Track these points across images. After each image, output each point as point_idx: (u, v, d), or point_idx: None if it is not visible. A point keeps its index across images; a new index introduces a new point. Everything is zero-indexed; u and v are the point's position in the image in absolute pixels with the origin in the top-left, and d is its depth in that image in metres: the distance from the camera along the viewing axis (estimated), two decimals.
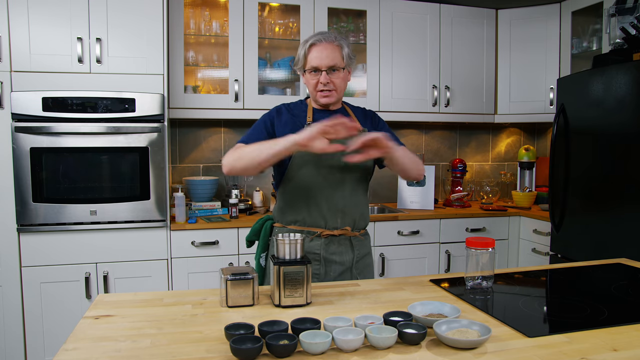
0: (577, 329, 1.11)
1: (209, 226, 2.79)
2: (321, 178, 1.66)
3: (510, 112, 3.54)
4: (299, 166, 1.66)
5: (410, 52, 3.36)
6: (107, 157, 2.62)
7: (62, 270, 2.59)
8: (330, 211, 1.68)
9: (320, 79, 1.65)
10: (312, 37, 1.68)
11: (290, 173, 1.68)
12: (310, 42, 1.66)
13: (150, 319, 1.19)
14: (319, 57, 1.64)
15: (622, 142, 2.44)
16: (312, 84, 1.68)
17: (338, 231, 1.69)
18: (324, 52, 1.64)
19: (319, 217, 1.68)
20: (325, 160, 1.63)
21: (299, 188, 1.68)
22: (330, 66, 1.64)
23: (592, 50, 3.19)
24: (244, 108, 3.06)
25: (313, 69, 1.66)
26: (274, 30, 3.26)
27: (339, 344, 0.99)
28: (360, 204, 1.74)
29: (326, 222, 1.68)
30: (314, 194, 1.66)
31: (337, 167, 1.66)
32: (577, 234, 2.73)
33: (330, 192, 1.67)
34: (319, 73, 1.65)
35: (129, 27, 2.64)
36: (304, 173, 1.66)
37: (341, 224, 1.70)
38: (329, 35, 1.67)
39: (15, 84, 2.51)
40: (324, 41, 1.65)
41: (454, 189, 3.58)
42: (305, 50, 1.66)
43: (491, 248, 1.40)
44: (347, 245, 1.72)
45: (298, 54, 1.70)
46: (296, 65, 1.73)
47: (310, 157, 1.62)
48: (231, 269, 1.31)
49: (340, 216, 1.69)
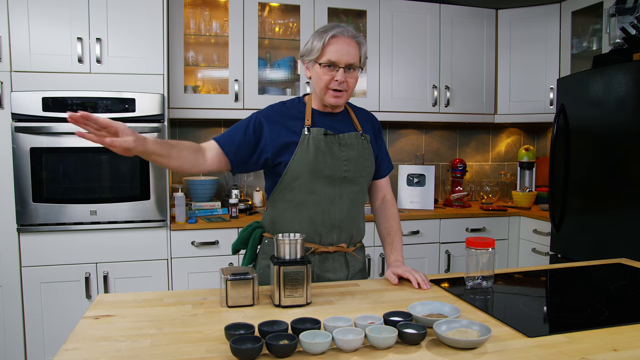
0: (577, 329, 1.11)
1: (209, 226, 2.79)
2: (318, 190, 1.53)
3: (510, 112, 3.54)
4: (294, 177, 1.53)
5: (410, 52, 3.36)
6: (107, 157, 2.61)
7: (62, 270, 2.59)
8: (325, 227, 1.55)
9: (337, 77, 1.48)
10: (331, 27, 1.49)
11: (284, 183, 1.55)
12: (331, 33, 1.47)
13: (150, 319, 1.19)
14: (339, 51, 1.47)
15: (622, 142, 2.44)
16: (325, 80, 1.49)
17: (333, 247, 1.57)
18: (344, 47, 1.47)
19: (314, 232, 1.54)
20: (324, 171, 1.52)
21: (294, 200, 1.55)
22: (349, 64, 1.48)
23: (592, 50, 3.19)
24: (244, 108, 3.06)
25: (330, 63, 1.48)
26: (274, 30, 3.26)
27: (339, 344, 0.99)
28: (358, 218, 1.63)
29: (321, 238, 1.56)
30: (309, 208, 1.54)
31: (335, 179, 1.54)
32: (577, 234, 2.73)
33: (327, 206, 1.54)
34: (335, 69, 1.48)
35: (129, 27, 2.64)
36: (299, 184, 1.53)
37: (337, 241, 1.58)
38: (348, 29, 1.50)
39: (15, 84, 2.50)
40: (345, 35, 1.48)
41: (454, 189, 3.58)
42: (324, 41, 1.47)
43: (491, 248, 1.40)
44: (342, 262, 1.61)
45: (311, 44, 1.50)
46: (307, 55, 1.52)
47: (307, 166, 1.51)
48: (231, 269, 1.31)
49: (337, 232, 1.57)
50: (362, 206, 1.65)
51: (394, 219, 1.69)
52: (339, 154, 1.55)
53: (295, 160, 1.51)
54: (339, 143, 1.56)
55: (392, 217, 1.70)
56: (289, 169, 1.52)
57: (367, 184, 1.66)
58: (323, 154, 1.52)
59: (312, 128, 1.54)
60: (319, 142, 1.52)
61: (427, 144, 3.81)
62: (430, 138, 3.82)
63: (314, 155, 1.51)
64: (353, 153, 1.57)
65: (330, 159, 1.53)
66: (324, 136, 1.53)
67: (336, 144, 1.55)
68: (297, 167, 1.52)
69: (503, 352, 1.00)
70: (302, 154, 1.51)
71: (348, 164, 1.56)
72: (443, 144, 3.85)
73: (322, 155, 1.52)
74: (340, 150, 1.55)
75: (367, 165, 1.61)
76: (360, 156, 1.58)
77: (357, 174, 1.58)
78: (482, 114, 3.54)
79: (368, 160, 1.61)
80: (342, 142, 1.56)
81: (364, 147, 1.60)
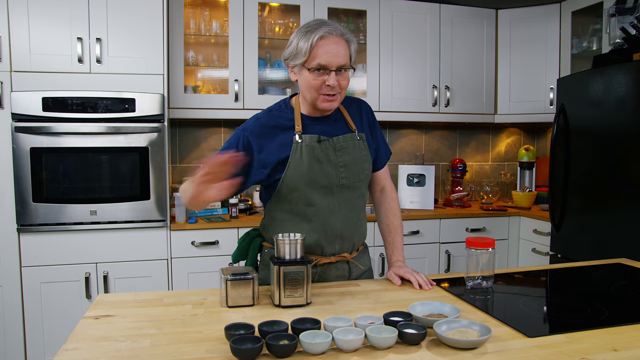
0: (577, 329, 1.11)
1: (209, 226, 2.79)
2: (316, 202, 1.46)
3: (510, 112, 3.54)
4: (290, 188, 1.45)
5: (410, 52, 3.36)
6: (107, 157, 2.61)
7: (62, 270, 2.59)
8: (327, 238, 1.49)
9: (329, 81, 1.37)
10: (318, 26, 1.37)
11: (280, 195, 1.47)
12: (318, 33, 1.35)
13: (150, 319, 1.19)
14: (329, 53, 1.35)
15: (622, 142, 2.44)
16: (316, 85, 1.38)
17: (335, 257, 1.52)
18: (334, 47, 1.36)
19: (315, 245, 1.48)
20: (320, 181, 1.45)
21: (292, 212, 1.48)
22: (341, 65, 1.37)
23: (592, 50, 3.19)
24: (244, 108, 3.06)
25: (320, 67, 1.36)
26: (274, 30, 3.26)
27: (339, 344, 0.99)
28: (359, 224, 1.57)
29: (322, 250, 1.50)
30: (310, 220, 1.47)
31: (333, 188, 1.47)
32: (577, 234, 2.73)
33: (326, 216, 1.47)
34: (326, 73, 1.37)
35: (129, 27, 2.64)
36: (297, 197, 1.46)
37: (339, 250, 1.52)
38: (336, 27, 1.38)
39: (15, 84, 2.51)
40: (334, 34, 1.36)
41: (454, 189, 3.58)
42: (312, 43, 1.35)
43: (491, 248, 1.40)
44: (345, 270, 1.57)
45: (296, 45, 1.38)
46: (292, 59, 1.40)
47: (302, 178, 1.44)
48: (231, 269, 1.31)
49: (339, 242, 1.51)
50: (362, 210, 1.59)
51: (394, 215, 1.64)
52: (335, 160, 1.47)
53: (290, 171, 1.43)
54: (334, 147, 1.48)
55: (393, 212, 1.64)
56: (284, 182, 1.45)
57: (366, 186, 1.61)
58: (318, 163, 1.45)
59: (303, 135, 1.45)
60: (313, 150, 1.44)
61: (427, 144, 3.81)
62: (430, 138, 3.82)
63: (308, 165, 1.44)
64: (349, 158, 1.49)
65: (326, 166, 1.46)
66: (318, 143, 1.45)
67: (331, 148, 1.47)
68: (293, 179, 1.44)
69: (503, 352, 1.00)
70: (296, 165, 1.43)
71: (345, 170, 1.48)
72: (443, 144, 3.85)
73: (317, 164, 1.44)
74: (336, 155, 1.48)
75: (365, 167, 1.54)
76: (357, 160, 1.51)
77: (355, 178, 1.51)
78: (482, 114, 3.54)
79: (365, 162, 1.54)
80: (337, 147, 1.48)
81: (360, 149, 1.52)
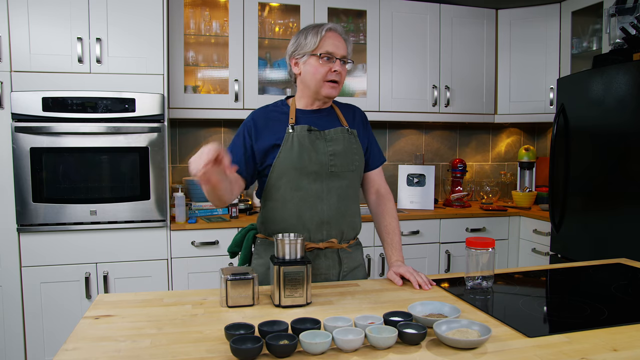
0: (577, 329, 1.11)
1: (209, 226, 2.79)
2: (304, 187, 1.54)
3: (510, 112, 3.54)
4: (279, 175, 1.55)
5: (410, 52, 3.36)
6: (107, 157, 2.61)
7: (62, 270, 2.59)
8: (313, 223, 1.55)
9: (335, 67, 1.54)
10: (322, 23, 1.58)
11: (271, 182, 1.56)
12: (326, 27, 1.55)
13: (150, 319, 1.19)
14: (335, 44, 1.54)
15: (622, 142, 2.44)
16: (322, 72, 1.53)
17: (323, 244, 1.56)
18: (338, 41, 1.55)
19: (302, 228, 1.54)
20: (309, 167, 1.53)
21: (281, 198, 1.56)
22: (344, 56, 1.56)
23: (592, 50, 3.19)
24: (244, 108, 3.06)
25: (328, 54, 1.53)
26: (274, 30, 3.26)
27: (339, 344, 0.99)
28: (348, 214, 1.60)
29: (310, 235, 1.56)
30: (296, 204, 1.54)
31: (322, 174, 1.55)
32: (577, 234, 2.73)
33: (313, 201, 1.54)
34: (332, 60, 1.54)
35: (129, 27, 2.64)
36: (285, 182, 1.55)
37: (326, 236, 1.57)
38: (337, 26, 1.59)
39: (15, 84, 2.51)
40: (337, 31, 1.57)
41: (454, 189, 3.58)
42: (321, 35, 1.53)
43: (491, 248, 1.40)
44: (335, 259, 1.60)
45: (304, 39, 1.56)
46: (300, 49, 1.57)
47: (292, 164, 1.53)
48: (231, 269, 1.31)
49: (326, 228, 1.56)
50: (353, 202, 1.63)
51: (391, 216, 1.67)
52: (325, 149, 1.55)
53: (280, 158, 1.53)
54: (325, 139, 1.57)
55: (389, 213, 1.68)
56: (275, 168, 1.55)
57: (357, 180, 1.65)
58: (308, 150, 1.53)
59: (295, 126, 1.56)
60: (303, 139, 1.54)
61: (427, 144, 3.81)
62: (430, 138, 3.82)
63: (298, 152, 1.52)
64: (339, 147, 1.57)
65: (316, 154, 1.54)
66: (308, 132, 1.55)
67: (322, 139, 1.56)
68: (282, 165, 1.54)
69: (503, 352, 1.00)
70: (286, 152, 1.53)
71: (334, 158, 1.56)
72: (443, 144, 3.85)
73: (307, 152, 1.53)
74: (326, 145, 1.56)
75: (355, 159, 1.60)
76: (347, 150, 1.58)
77: (345, 168, 1.58)
78: (482, 114, 3.54)
79: (356, 154, 1.61)
80: (327, 138, 1.57)
81: (350, 141, 1.60)
